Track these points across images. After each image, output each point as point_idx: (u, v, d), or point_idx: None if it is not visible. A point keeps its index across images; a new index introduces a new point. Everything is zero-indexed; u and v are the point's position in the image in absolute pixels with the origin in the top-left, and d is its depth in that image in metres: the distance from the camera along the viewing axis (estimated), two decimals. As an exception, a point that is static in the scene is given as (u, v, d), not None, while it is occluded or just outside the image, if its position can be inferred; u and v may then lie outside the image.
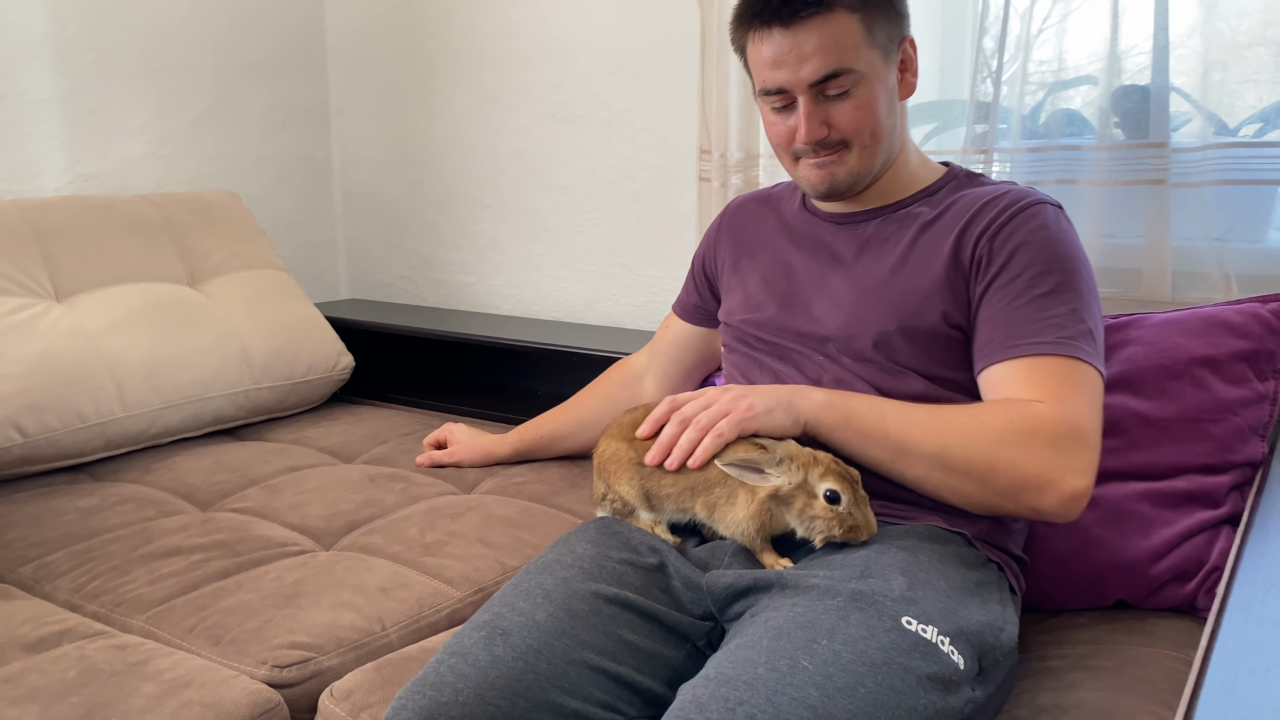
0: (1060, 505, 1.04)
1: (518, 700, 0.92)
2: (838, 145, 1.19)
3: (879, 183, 1.25)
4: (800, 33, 1.14)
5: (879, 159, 1.21)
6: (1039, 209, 1.17)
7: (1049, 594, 1.22)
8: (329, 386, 2.08)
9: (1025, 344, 1.10)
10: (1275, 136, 1.53)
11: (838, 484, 1.03)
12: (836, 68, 1.14)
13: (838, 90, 1.16)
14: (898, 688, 0.85)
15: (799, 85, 1.16)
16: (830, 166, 1.20)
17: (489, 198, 2.39)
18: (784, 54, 1.15)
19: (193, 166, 2.33)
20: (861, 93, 1.17)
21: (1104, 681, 1.04)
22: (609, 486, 1.21)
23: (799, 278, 1.28)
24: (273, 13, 2.44)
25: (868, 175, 1.22)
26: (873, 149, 1.20)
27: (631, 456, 1.18)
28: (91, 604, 1.27)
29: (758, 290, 1.31)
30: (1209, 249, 1.51)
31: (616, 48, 2.13)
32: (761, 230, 1.36)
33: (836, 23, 1.14)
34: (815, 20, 1.14)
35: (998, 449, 1.04)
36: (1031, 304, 1.12)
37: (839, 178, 1.20)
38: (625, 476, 1.18)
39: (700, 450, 1.06)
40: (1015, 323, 1.11)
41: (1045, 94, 1.68)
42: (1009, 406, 1.07)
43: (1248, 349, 1.25)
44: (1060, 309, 1.11)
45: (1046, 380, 1.08)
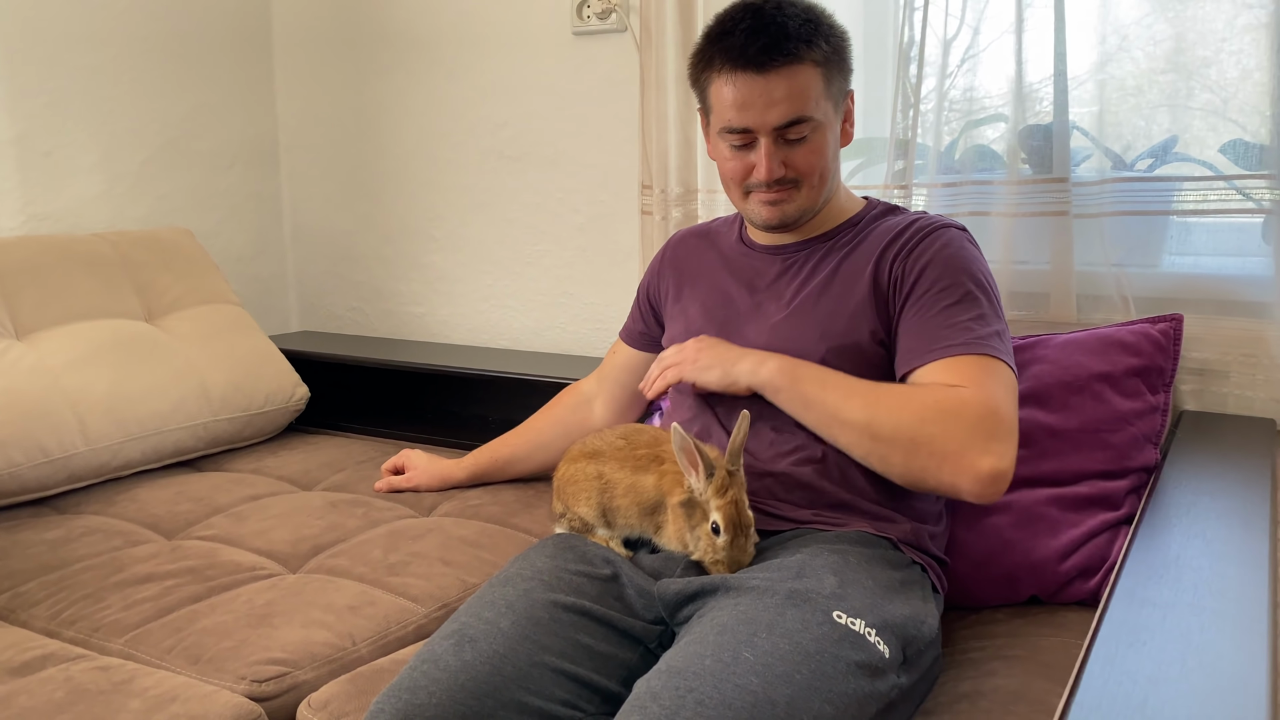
0: (976, 484, 1.13)
1: (486, 700, 1.00)
2: (790, 184, 1.30)
3: (813, 219, 1.36)
4: (772, 79, 1.24)
5: (822, 198, 1.33)
6: (943, 231, 1.30)
7: (969, 592, 1.34)
8: (285, 417, 2.14)
9: (941, 347, 1.21)
10: (1165, 171, 1.68)
11: (724, 522, 1.13)
12: (799, 115, 1.26)
13: (797, 135, 1.27)
14: (829, 673, 0.96)
15: (764, 128, 1.26)
16: (781, 204, 1.31)
17: (437, 231, 2.48)
18: (753, 98, 1.25)
19: (145, 204, 2.38)
20: (816, 139, 1.28)
21: (1018, 669, 1.15)
22: (568, 506, 1.30)
23: (736, 305, 1.39)
24: (221, 53, 2.50)
25: (811, 212, 1.34)
26: (819, 189, 1.32)
27: (589, 478, 1.28)
28: (69, 630, 1.33)
29: (698, 318, 1.42)
30: (1109, 274, 1.66)
31: (560, 89, 2.24)
32: (701, 262, 1.47)
33: (803, 74, 1.25)
34: (786, 70, 1.24)
35: (921, 424, 1.15)
36: (942, 313, 1.24)
37: (788, 213, 1.32)
38: (584, 497, 1.28)
39: (649, 382, 1.36)
40: (930, 330, 1.23)
41: (960, 132, 1.82)
42: (936, 389, 1.18)
43: (1140, 365, 1.39)
44: (968, 315, 1.23)
45: (966, 373, 1.19)
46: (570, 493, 1.31)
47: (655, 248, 2.01)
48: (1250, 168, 1.59)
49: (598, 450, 1.31)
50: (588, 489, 1.28)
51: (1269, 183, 1.53)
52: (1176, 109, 1.66)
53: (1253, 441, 1.45)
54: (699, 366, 1.30)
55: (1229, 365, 1.61)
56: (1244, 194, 1.58)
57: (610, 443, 1.31)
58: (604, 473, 1.28)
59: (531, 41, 2.25)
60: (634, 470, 1.25)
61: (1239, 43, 1.59)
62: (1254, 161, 1.59)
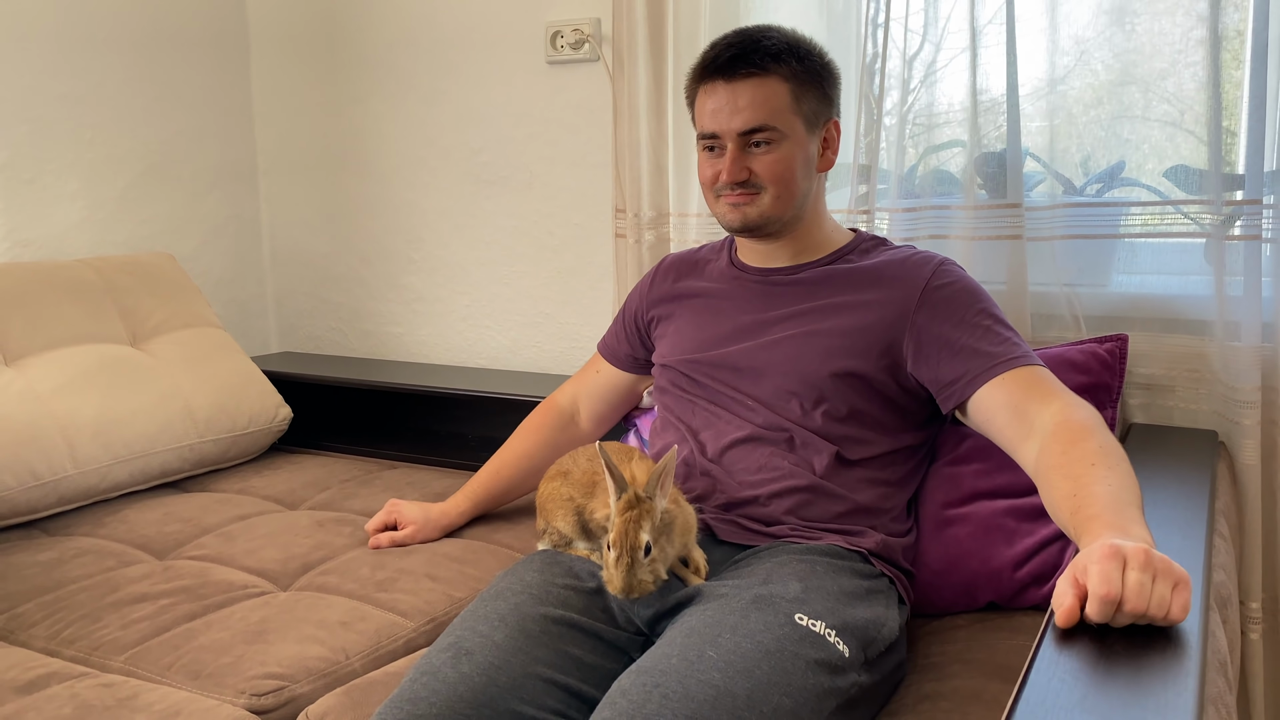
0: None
1: (483, 710, 1.07)
2: (753, 188, 1.39)
3: (798, 243, 1.45)
4: (738, 88, 1.35)
5: (790, 210, 1.41)
6: (946, 267, 1.40)
7: (932, 600, 1.41)
8: (269, 438, 2.19)
9: (1002, 362, 1.30)
10: (1112, 195, 1.78)
11: (613, 538, 1.15)
12: (762, 123, 1.35)
13: (762, 140, 1.37)
14: (789, 669, 1.03)
15: (729, 133, 1.37)
16: (743, 206, 1.40)
17: (415, 253, 2.53)
18: (721, 105, 1.37)
19: (126, 229, 2.42)
20: (781, 149, 1.37)
21: (976, 671, 1.23)
22: (548, 523, 1.37)
23: (731, 324, 1.46)
24: (200, 79, 2.55)
25: (778, 221, 1.42)
26: (785, 200, 1.40)
27: (566, 494, 1.35)
28: (69, 649, 1.37)
29: (693, 335, 1.49)
30: (1061, 294, 1.75)
31: (535, 115, 2.31)
32: (693, 282, 1.55)
33: (769, 86, 1.35)
34: (752, 80, 1.35)
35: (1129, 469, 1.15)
36: (982, 338, 1.33)
37: (750, 216, 1.40)
38: (561, 513, 1.35)
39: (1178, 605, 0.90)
40: (980, 350, 1.32)
41: (920, 156, 1.90)
42: (1094, 441, 1.16)
43: (1089, 383, 1.47)
44: (1003, 331, 1.34)
45: (1043, 387, 1.27)
46: (550, 509, 1.38)
47: (629, 269, 2.09)
48: (1192, 192, 1.69)
49: (568, 470, 1.39)
50: (564, 507, 1.35)
51: (1209, 207, 1.63)
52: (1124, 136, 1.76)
53: (1195, 452, 1.54)
54: (1153, 595, 0.90)
55: (1174, 380, 1.71)
56: (1189, 217, 1.67)
57: (578, 464, 1.39)
58: (572, 494, 1.35)
59: (507, 69, 2.32)
60: (586, 494, 1.33)
61: (1184, 71, 1.69)
62: (1195, 186, 1.69)
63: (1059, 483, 1.14)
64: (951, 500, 1.43)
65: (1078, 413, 1.22)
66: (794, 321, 1.42)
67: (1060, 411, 1.23)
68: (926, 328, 1.36)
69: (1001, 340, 1.33)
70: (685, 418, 1.46)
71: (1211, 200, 1.62)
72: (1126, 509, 1.04)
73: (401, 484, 2.00)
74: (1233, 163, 1.66)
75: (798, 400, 1.38)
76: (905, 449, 1.42)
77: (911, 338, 1.37)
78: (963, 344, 1.34)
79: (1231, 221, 1.61)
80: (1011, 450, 1.29)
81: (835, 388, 1.37)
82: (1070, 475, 1.13)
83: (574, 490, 1.35)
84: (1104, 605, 0.88)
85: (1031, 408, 1.26)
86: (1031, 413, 1.25)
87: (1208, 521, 1.24)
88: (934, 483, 1.46)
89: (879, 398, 1.38)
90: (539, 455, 1.71)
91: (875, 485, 1.38)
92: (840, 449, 1.36)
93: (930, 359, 1.35)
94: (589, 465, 1.37)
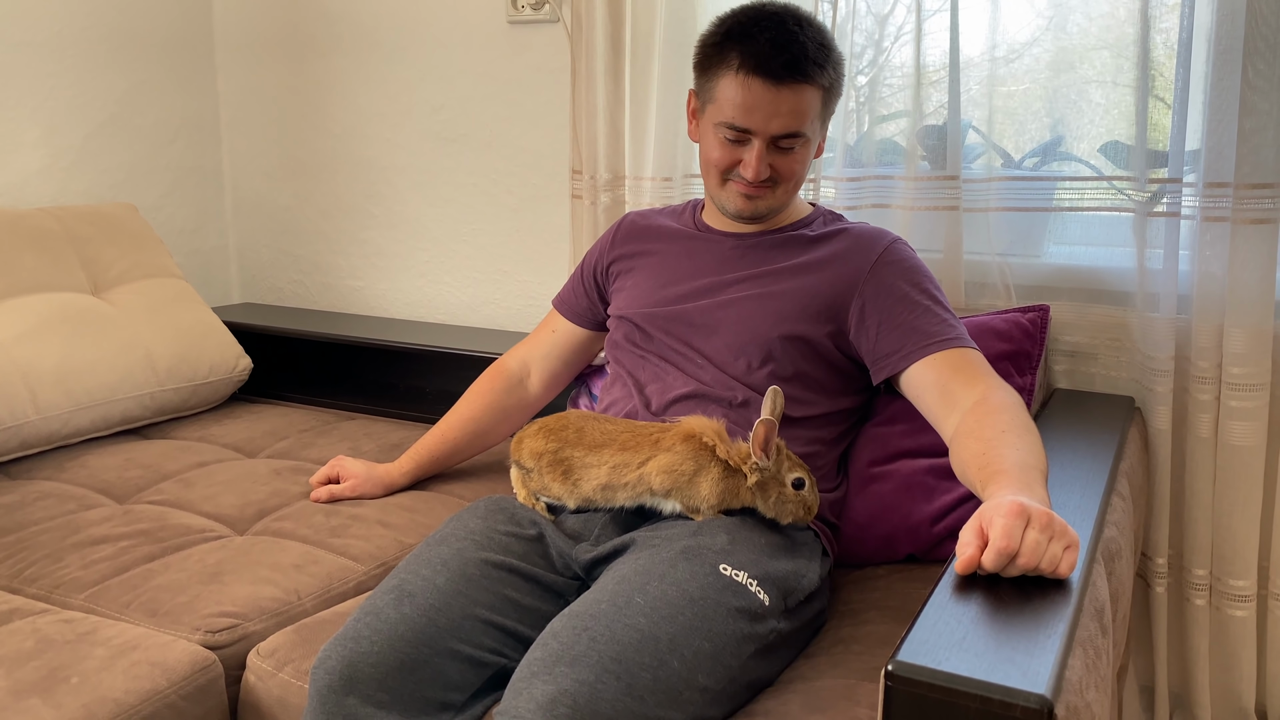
0: None
1: (422, 649, 1.14)
2: (769, 183, 1.45)
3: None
4: (783, 93, 1.38)
5: (790, 199, 1.49)
6: (896, 245, 1.48)
7: (855, 552, 1.50)
8: (229, 387, 2.24)
9: (936, 342, 1.38)
10: (1048, 169, 1.85)
11: (802, 473, 1.30)
12: (796, 130, 1.40)
13: (788, 145, 1.42)
14: (710, 615, 1.11)
15: (763, 134, 1.40)
16: (756, 199, 1.46)
17: (375, 208, 2.57)
18: (760, 104, 1.38)
19: (88, 179, 2.44)
20: (803, 151, 1.44)
21: (890, 617, 1.32)
22: (533, 465, 1.38)
23: (689, 281, 1.52)
24: (163, 30, 2.56)
25: (778, 210, 1.50)
26: (792, 192, 1.48)
27: (553, 449, 1.37)
28: (31, 587, 1.43)
29: (652, 289, 1.55)
30: (994, 264, 1.82)
31: (495, 74, 2.34)
32: (656, 239, 1.61)
33: (809, 95, 1.39)
34: (797, 88, 1.38)
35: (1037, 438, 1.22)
36: (921, 316, 1.41)
37: (759, 208, 1.47)
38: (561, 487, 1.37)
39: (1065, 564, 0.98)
40: (913, 330, 1.39)
41: (868, 127, 1.97)
42: (1006, 415, 1.24)
43: (1010, 350, 1.55)
44: (942, 313, 1.42)
45: (971, 370, 1.35)
46: (550, 471, 1.37)
47: (585, 231, 2.14)
48: (1122, 168, 1.76)
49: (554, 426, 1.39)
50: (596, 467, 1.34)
51: (1134, 183, 1.70)
52: (1060, 111, 1.83)
53: (1110, 417, 1.63)
54: (1046, 553, 0.97)
55: (1097, 348, 1.80)
56: (1122, 193, 1.74)
57: (613, 434, 1.37)
58: (625, 460, 1.33)
59: (468, 28, 2.35)
60: (654, 449, 1.31)
61: (1120, 49, 1.76)
62: (1125, 162, 1.76)
63: (970, 444, 1.22)
64: (878, 458, 1.51)
65: (998, 394, 1.31)
66: (750, 283, 1.49)
67: (982, 392, 1.31)
68: (871, 299, 1.43)
69: (939, 321, 1.41)
70: (634, 371, 1.53)
71: (1136, 177, 1.69)
72: (1030, 471, 1.12)
73: (359, 434, 2.06)
74: (1161, 141, 1.73)
75: (745, 359, 1.45)
76: (842, 411, 1.50)
77: (856, 308, 1.44)
78: (902, 319, 1.41)
79: (1158, 199, 1.68)
80: (936, 425, 1.38)
81: (783, 349, 1.44)
82: (981, 438, 1.21)
83: (634, 454, 1.33)
84: (1000, 557, 0.97)
85: (958, 388, 1.34)
86: (957, 393, 1.33)
87: (1108, 481, 1.32)
88: (863, 442, 1.54)
89: (823, 362, 1.46)
90: (485, 419, 1.73)
91: (811, 444, 1.45)
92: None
93: (870, 330, 1.43)
94: (628, 432, 1.36)
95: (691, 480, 1.29)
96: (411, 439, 1.96)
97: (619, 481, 1.32)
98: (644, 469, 1.31)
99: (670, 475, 1.29)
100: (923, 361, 1.38)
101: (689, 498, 1.30)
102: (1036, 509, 0.98)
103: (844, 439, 1.52)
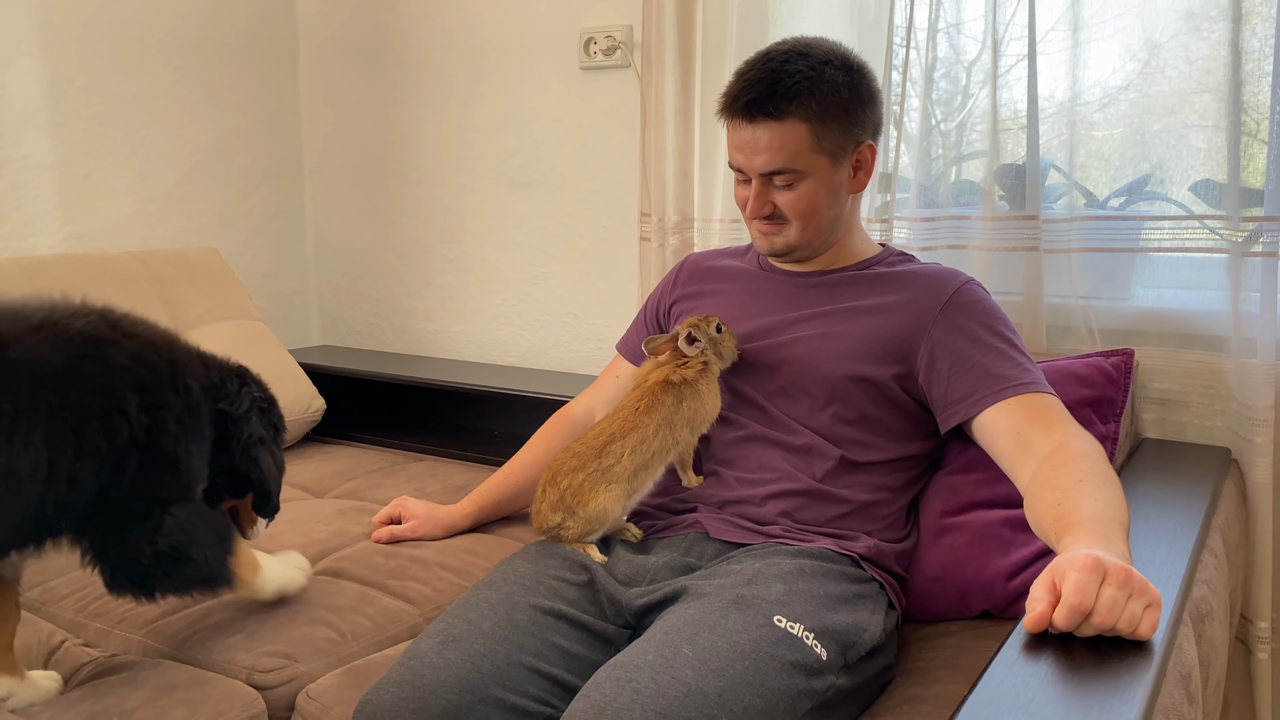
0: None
1: (465, 695, 1.11)
2: (779, 219, 1.42)
3: (828, 252, 1.48)
4: (758, 130, 1.36)
5: (819, 237, 1.44)
6: (969, 286, 1.41)
7: (926, 607, 1.43)
8: (302, 428, 2.26)
9: (1011, 386, 1.31)
10: (1135, 209, 1.77)
11: (690, 329, 1.39)
12: (782, 166, 1.37)
13: (783, 182, 1.39)
14: (763, 670, 1.05)
15: (752, 171, 1.39)
16: (770, 235, 1.44)
17: (450, 252, 2.60)
18: (744, 143, 1.38)
19: (175, 224, 2.51)
20: (804, 187, 1.39)
21: (960, 677, 1.24)
22: (570, 514, 1.36)
23: (753, 320, 1.49)
24: (250, 80, 2.64)
25: (806, 248, 1.45)
26: (812, 230, 1.42)
27: (598, 471, 1.36)
28: (95, 622, 1.45)
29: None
30: (1077, 306, 1.74)
31: (567, 120, 2.35)
32: (719, 279, 1.58)
33: (788, 130, 1.35)
34: (769, 124, 1.35)
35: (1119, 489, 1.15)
36: (995, 360, 1.34)
37: (776, 245, 1.44)
38: (608, 492, 1.35)
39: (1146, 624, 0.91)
40: (992, 371, 1.33)
41: (944, 167, 1.91)
42: (1085, 463, 1.17)
43: (1092, 396, 1.47)
44: (1017, 356, 1.35)
45: (1049, 416, 1.28)
46: (585, 491, 1.36)
47: (653, 273, 2.12)
48: (1214, 207, 1.68)
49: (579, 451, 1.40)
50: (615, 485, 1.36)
51: (1227, 222, 1.61)
52: (1148, 149, 1.75)
53: (1203, 469, 1.53)
54: (1125, 611, 0.91)
55: (1189, 396, 1.70)
56: (1215, 233, 1.65)
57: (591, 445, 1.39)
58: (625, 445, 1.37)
59: (542, 75, 2.37)
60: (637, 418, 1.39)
61: (1210, 88, 1.68)
62: (1217, 201, 1.67)
63: (1045, 494, 1.15)
64: (950, 509, 1.44)
65: (1077, 442, 1.23)
66: (814, 322, 1.44)
67: (1060, 440, 1.24)
68: (942, 341, 1.37)
69: (1014, 364, 1.34)
70: None
71: (1230, 216, 1.61)
72: (1110, 524, 1.05)
73: (425, 475, 2.06)
74: (1257, 178, 1.64)
75: (808, 399, 1.40)
76: (911, 457, 1.44)
77: (925, 350, 1.38)
78: (975, 362, 1.35)
79: (1254, 238, 1.59)
80: (1010, 474, 1.30)
81: (848, 391, 1.39)
82: (1057, 488, 1.14)
83: (629, 439, 1.37)
84: (1073, 614, 0.90)
85: (1034, 435, 1.27)
86: (1034, 440, 1.26)
87: (1198, 536, 1.23)
88: (934, 490, 1.47)
89: (890, 405, 1.40)
90: (546, 463, 1.72)
91: (877, 490, 1.40)
92: (846, 452, 1.38)
93: (940, 374, 1.37)
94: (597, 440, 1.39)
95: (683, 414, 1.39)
96: (477, 481, 1.95)
97: (643, 461, 1.37)
98: (650, 437, 1.37)
99: (670, 425, 1.38)
100: (996, 406, 1.32)
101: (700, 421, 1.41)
102: (1114, 563, 0.91)
103: (912, 486, 1.45)
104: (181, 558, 1.19)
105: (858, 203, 1.49)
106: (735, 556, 1.31)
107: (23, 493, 1.08)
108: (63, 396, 1.10)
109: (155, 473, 1.18)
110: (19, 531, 1.11)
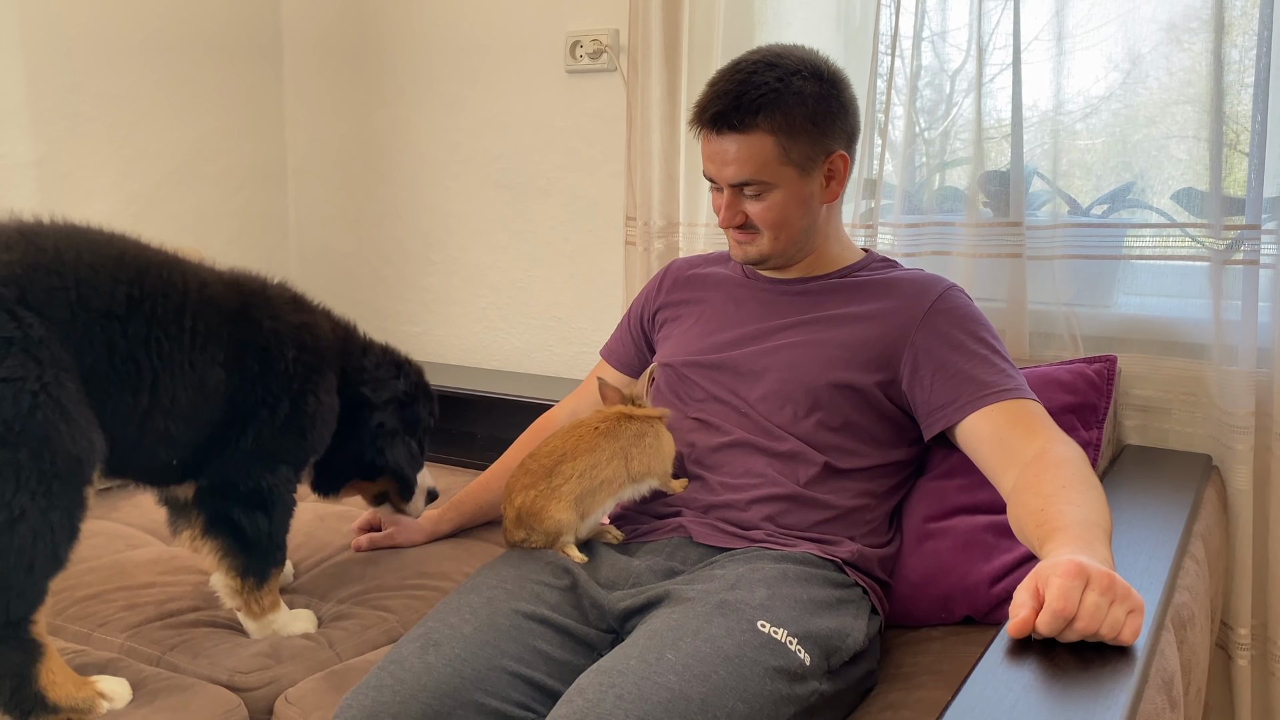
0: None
1: (446, 700, 1.10)
2: (751, 229, 1.42)
3: (807, 260, 1.48)
4: (725, 142, 1.37)
5: (793, 246, 1.44)
6: (951, 293, 1.41)
7: (909, 612, 1.43)
8: (283, 431, 2.25)
9: (994, 392, 1.31)
10: (1118, 216, 1.78)
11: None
12: (749, 178, 1.37)
13: (753, 192, 1.39)
14: (746, 675, 1.05)
15: (722, 181, 1.40)
16: (744, 245, 1.44)
17: (435, 255, 2.59)
18: (714, 154, 1.39)
19: (156, 225, 2.49)
20: (773, 198, 1.39)
21: (942, 682, 1.24)
22: (531, 530, 1.35)
23: (737, 328, 1.48)
24: (233, 80, 2.63)
25: (780, 256, 1.45)
26: (784, 239, 1.43)
27: (548, 489, 1.35)
28: (74, 625, 1.43)
29: (697, 337, 1.52)
30: (1060, 313, 1.75)
31: (552, 123, 2.35)
32: (703, 286, 1.58)
33: (753, 142, 1.36)
34: (735, 136, 1.36)
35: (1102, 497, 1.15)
36: (978, 366, 1.34)
37: (750, 253, 1.45)
38: (559, 506, 1.34)
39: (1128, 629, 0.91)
40: (974, 378, 1.33)
41: (929, 174, 1.92)
42: (1067, 469, 1.18)
43: (1075, 402, 1.48)
44: (1000, 363, 1.35)
45: (1032, 422, 1.28)
46: (539, 511, 1.36)
47: (638, 277, 2.12)
48: (1196, 215, 1.69)
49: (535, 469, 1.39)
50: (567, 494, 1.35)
51: (1209, 230, 1.62)
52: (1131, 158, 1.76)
53: (1184, 475, 1.54)
54: (1107, 617, 0.91)
55: (1170, 403, 1.71)
56: (1197, 240, 1.66)
57: (542, 462, 1.38)
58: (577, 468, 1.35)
59: (527, 78, 2.36)
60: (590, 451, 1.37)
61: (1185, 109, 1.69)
62: (1198, 208, 1.68)
63: (1028, 500, 1.15)
64: (933, 514, 1.45)
65: (1060, 448, 1.23)
66: (797, 330, 1.44)
67: (1043, 446, 1.24)
68: (925, 348, 1.37)
69: (997, 370, 1.35)
70: (678, 419, 1.49)
71: (1212, 224, 1.62)
72: (1092, 529, 1.05)
73: (407, 480, 2.04)
74: (1238, 187, 1.65)
75: (792, 406, 1.40)
76: (894, 463, 1.44)
77: (909, 357, 1.38)
78: (958, 368, 1.35)
79: (1235, 246, 1.60)
80: (993, 480, 1.31)
81: (831, 398, 1.39)
82: (1040, 494, 1.15)
83: (582, 462, 1.35)
84: (1056, 619, 0.90)
85: (1017, 441, 1.27)
86: (1017, 446, 1.26)
87: (1180, 542, 1.24)
88: (918, 496, 1.47)
89: (873, 411, 1.40)
90: None
91: (860, 495, 1.40)
92: (830, 458, 1.38)
93: (924, 380, 1.37)
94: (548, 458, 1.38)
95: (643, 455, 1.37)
96: (460, 485, 1.94)
97: (589, 488, 1.34)
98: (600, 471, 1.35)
99: (625, 456, 1.36)
100: (979, 413, 1.32)
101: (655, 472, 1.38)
102: (1097, 569, 0.91)
103: (896, 492, 1.45)
104: (265, 504, 1.35)
105: (835, 210, 1.49)
106: (719, 561, 1.30)
107: (209, 405, 1.28)
108: (239, 333, 1.33)
109: (284, 430, 1.36)
110: (197, 449, 1.30)
